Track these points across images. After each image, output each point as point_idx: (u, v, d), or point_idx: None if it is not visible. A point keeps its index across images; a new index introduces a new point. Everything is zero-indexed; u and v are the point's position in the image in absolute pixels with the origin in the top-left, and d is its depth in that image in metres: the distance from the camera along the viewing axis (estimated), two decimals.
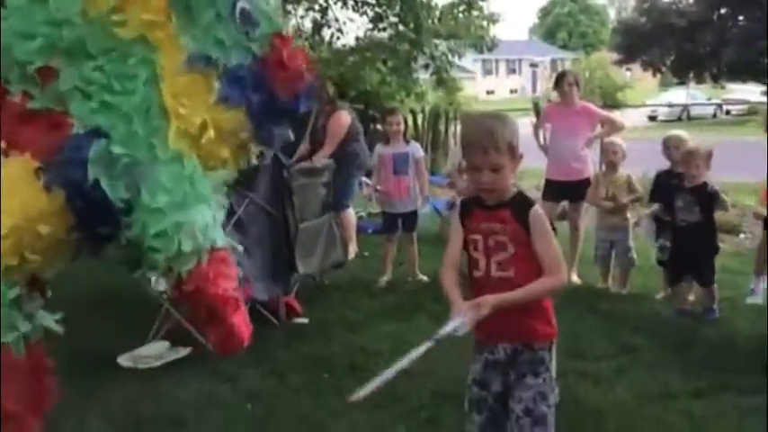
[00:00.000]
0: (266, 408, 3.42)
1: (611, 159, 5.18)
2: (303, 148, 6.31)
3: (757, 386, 3.39)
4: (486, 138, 2.21)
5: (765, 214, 4.79)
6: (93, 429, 3.26)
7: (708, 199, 4.47)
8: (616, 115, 6.46)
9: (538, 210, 2.30)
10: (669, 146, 4.86)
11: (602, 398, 3.31)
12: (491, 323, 2.24)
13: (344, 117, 6.06)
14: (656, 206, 4.84)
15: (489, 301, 2.21)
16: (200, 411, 3.40)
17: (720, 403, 3.25)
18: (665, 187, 4.76)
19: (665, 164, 4.98)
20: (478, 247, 2.36)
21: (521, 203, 2.31)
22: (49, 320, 2.50)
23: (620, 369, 3.66)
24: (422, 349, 2.12)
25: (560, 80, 5.51)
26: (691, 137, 5.01)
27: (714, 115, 28.66)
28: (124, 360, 4.03)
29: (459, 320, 2.17)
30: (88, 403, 3.51)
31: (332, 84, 6.31)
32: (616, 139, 5.30)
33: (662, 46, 27.99)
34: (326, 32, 11.40)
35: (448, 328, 2.16)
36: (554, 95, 5.81)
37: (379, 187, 5.68)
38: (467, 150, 2.30)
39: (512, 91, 48.48)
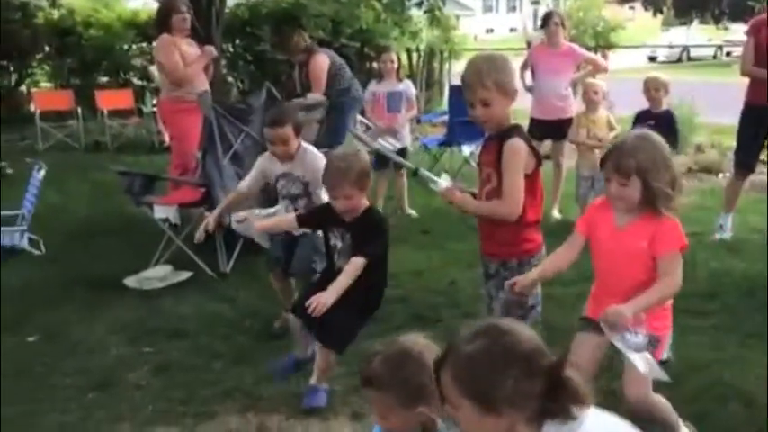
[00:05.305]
0: (263, 323, 3.74)
1: (591, 99, 5.37)
2: None
3: (709, 310, 3.77)
4: (474, 76, 2.45)
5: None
6: (100, 338, 3.60)
7: None
8: (602, 57, 6.64)
9: (513, 142, 2.41)
10: (649, 87, 5.06)
11: (562, 319, 3.63)
12: (481, 239, 2.62)
13: (321, 59, 5.95)
14: None
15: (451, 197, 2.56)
16: (201, 325, 3.73)
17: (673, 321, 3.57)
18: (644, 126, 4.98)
19: None
20: (480, 178, 2.58)
21: (505, 136, 2.44)
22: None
23: (580, 294, 3.93)
24: None
25: (547, 20, 5.65)
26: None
27: (714, 56, 28.49)
28: (130, 281, 4.34)
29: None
30: (96, 317, 3.85)
31: (303, 32, 6.28)
32: (596, 80, 5.48)
33: None
34: None
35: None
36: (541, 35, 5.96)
37: (380, 123, 5.79)
38: (463, 90, 2.53)
39: (511, 29, 47.67)
